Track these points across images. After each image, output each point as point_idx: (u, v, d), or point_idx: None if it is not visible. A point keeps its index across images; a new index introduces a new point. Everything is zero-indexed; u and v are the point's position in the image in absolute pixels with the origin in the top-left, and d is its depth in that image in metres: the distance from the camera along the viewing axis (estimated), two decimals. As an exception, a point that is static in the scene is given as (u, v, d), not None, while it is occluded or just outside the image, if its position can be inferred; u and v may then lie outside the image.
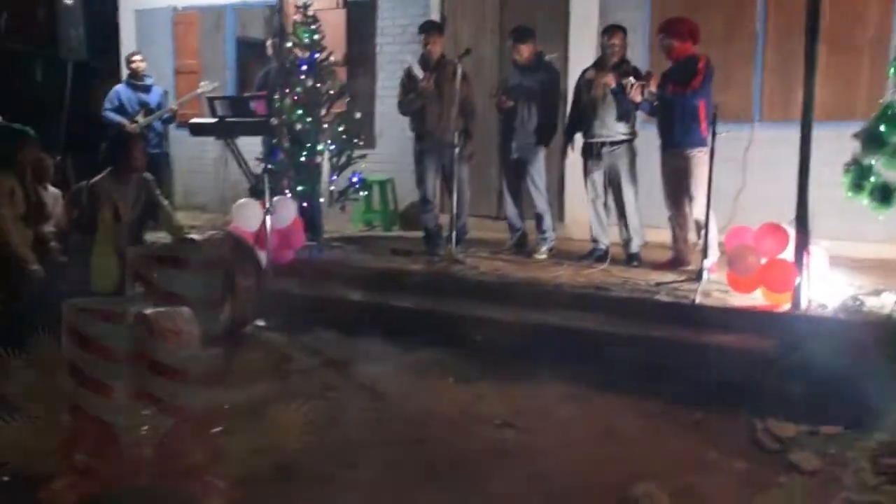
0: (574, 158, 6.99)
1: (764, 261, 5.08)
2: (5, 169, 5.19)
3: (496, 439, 3.99)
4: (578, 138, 6.73)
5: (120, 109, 8.46)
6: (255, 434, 3.91)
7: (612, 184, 6.60)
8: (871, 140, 4.77)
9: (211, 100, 7.62)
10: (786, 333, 4.79)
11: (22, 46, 6.97)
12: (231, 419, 4.09)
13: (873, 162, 4.86)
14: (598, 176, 6.61)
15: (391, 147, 8.93)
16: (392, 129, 8.75)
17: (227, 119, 7.50)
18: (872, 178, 4.76)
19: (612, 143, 6.48)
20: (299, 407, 3.74)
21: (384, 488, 3.47)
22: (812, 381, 4.45)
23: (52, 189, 6.34)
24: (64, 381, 3.67)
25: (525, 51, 6.85)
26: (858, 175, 4.82)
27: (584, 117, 6.60)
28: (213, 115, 7.57)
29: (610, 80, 6.32)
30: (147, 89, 8.65)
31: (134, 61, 8.61)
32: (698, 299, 5.24)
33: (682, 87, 5.92)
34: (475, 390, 4.65)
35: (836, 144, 5.51)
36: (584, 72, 6.74)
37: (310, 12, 6.95)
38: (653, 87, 6.20)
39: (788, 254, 4.99)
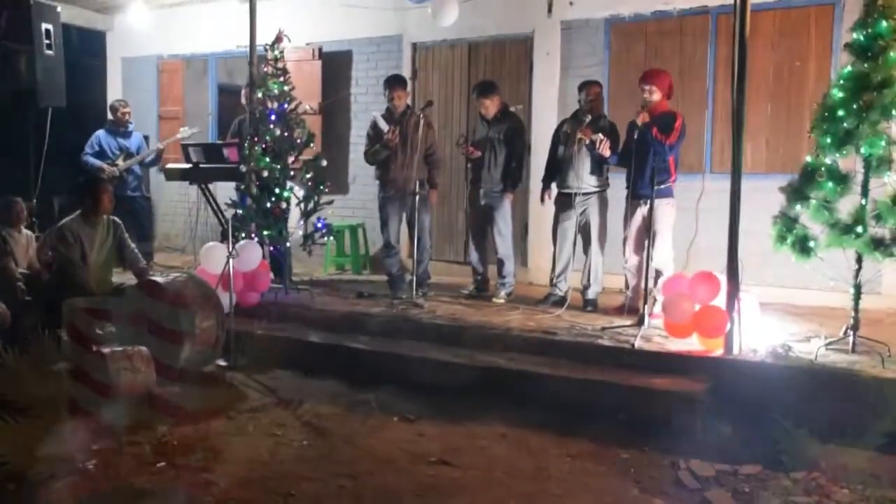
0: (540, 206, 7.27)
1: (697, 307, 5.31)
2: None
3: (428, 476, 4.17)
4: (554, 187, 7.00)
5: (100, 154, 8.68)
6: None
7: (583, 232, 6.85)
8: (795, 193, 5.03)
9: (185, 146, 7.95)
10: (714, 377, 5.02)
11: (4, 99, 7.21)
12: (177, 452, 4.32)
13: (799, 214, 5.11)
14: (570, 224, 6.86)
15: (364, 193, 9.23)
16: (364, 176, 9.05)
17: (201, 165, 7.83)
18: (795, 230, 5.01)
19: (585, 194, 6.75)
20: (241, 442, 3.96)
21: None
22: (736, 423, 4.70)
23: (25, 231, 6.60)
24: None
25: (489, 104, 7.16)
26: (784, 227, 5.08)
27: (559, 168, 6.87)
28: (188, 160, 7.91)
29: (587, 134, 6.56)
30: (127, 134, 8.86)
31: (119, 109, 8.81)
32: (637, 344, 5.46)
33: (663, 136, 6.10)
34: (417, 429, 4.85)
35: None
36: (561, 123, 7.04)
37: (281, 64, 7.24)
38: (605, 152, 6.47)
39: (721, 300, 5.22)
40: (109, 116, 8.97)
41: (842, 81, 4.85)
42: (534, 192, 7.90)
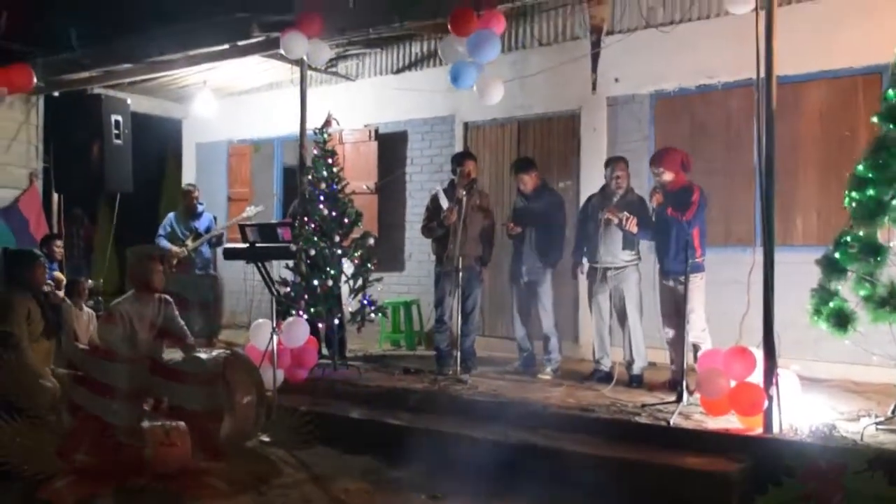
0: (584, 281, 7.25)
1: (733, 383, 5.16)
2: (23, 289, 5.77)
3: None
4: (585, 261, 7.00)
5: (171, 235, 9.12)
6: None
7: (617, 307, 6.81)
8: (830, 266, 4.89)
9: (242, 227, 8.24)
10: (752, 457, 4.83)
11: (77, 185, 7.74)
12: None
13: (837, 287, 4.95)
14: (604, 299, 6.84)
15: (419, 269, 9.37)
16: (420, 252, 9.22)
17: (257, 244, 8.10)
18: (831, 304, 4.85)
19: (617, 268, 6.73)
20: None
21: None
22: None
23: (86, 308, 6.94)
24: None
25: (527, 180, 7.26)
26: (820, 300, 4.93)
27: (589, 243, 6.88)
28: (244, 240, 8.18)
29: (612, 215, 6.61)
30: (197, 216, 9.30)
31: (189, 194, 9.27)
32: (674, 421, 5.32)
33: (679, 214, 6.14)
34: (441, 507, 4.82)
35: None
36: (590, 198, 7.07)
37: (330, 146, 7.51)
38: (633, 229, 6.47)
39: (758, 377, 5.07)
40: (181, 200, 9.41)
41: (870, 150, 4.74)
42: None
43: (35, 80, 8.64)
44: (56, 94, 9.25)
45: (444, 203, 7.25)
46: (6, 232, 8.84)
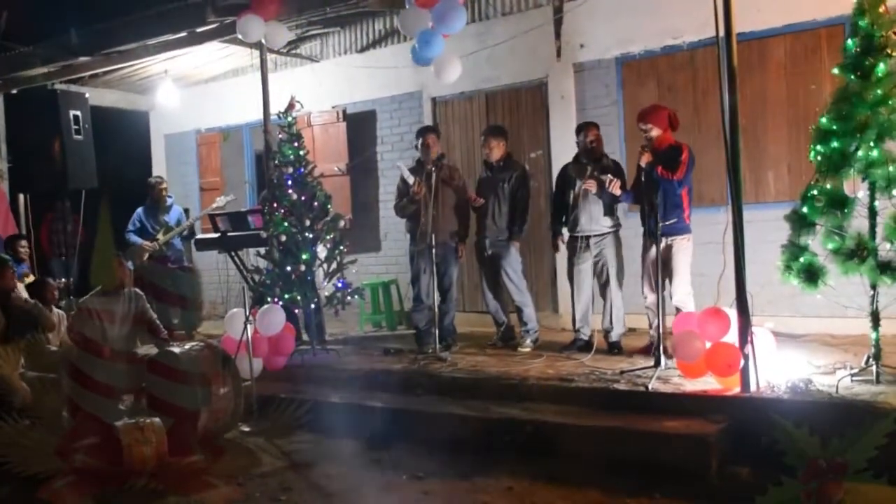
0: (563, 251, 7.18)
1: (708, 345, 5.14)
2: None
3: (424, 535, 4.11)
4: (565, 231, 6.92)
5: (140, 230, 8.95)
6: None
7: (600, 274, 6.75)
8: (799, 221, 4.86)
9: (213, 216, 8.17)
10: (730, 417, 4.83)
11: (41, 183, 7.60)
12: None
13: (807, 242, 4.93)
14: (587, 267, 6.74)
15: (396, 249, 9.29)
16: (396, 232, 9.13)
17: (228, 234, 8.03)
18: (801, 259, 4.82)
19: (599, 235, 6.65)
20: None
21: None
22: (753, 464, 4.49)
23: (56, 310, 6.85)
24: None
25: (494, 145, 7.14)
26: (791, 255, 4.90)
27: (569, 212, 6.78)
28: (216, 230, 8.12)
29: (591, 186, 6.50)
30: (166, 209, 9.14)
31: (155, 187, 9.10)
32: (652, 386, 5.30)
33: (669, 173, 6.02)
34: (423, 486, 4.77)
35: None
36: (565, 167, 6.96)
37: (295, 130, 7.40)
38: (617, 191, 6.39)
39: (733, 337, 5.05)
40: (148, 194, 9.27)
41: (832, 101, 4.69)
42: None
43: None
44: (14, 91, 9.07)
45: (409, 177, 7.16)
46: (-25, 235, 8.70)
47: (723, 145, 7.30)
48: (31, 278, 7.56)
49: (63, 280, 7.33)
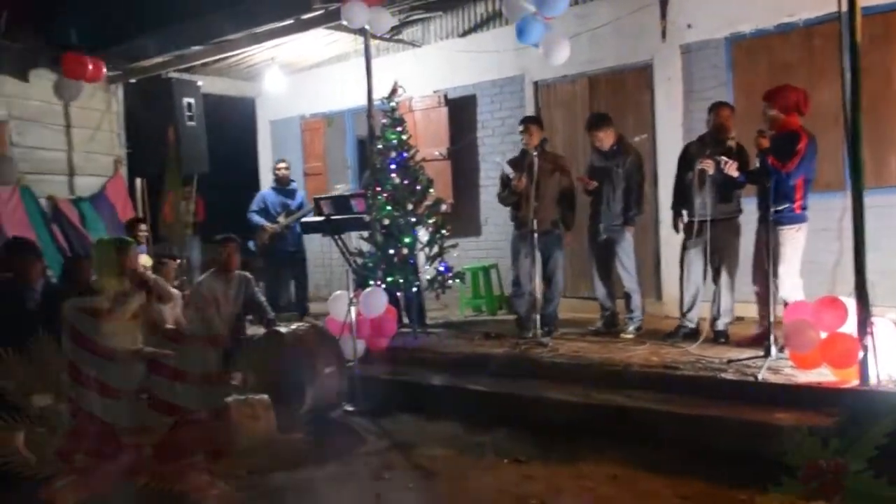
0: (672, 236, 7.00)
1: (824, 335, 4.93)
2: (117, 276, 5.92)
3: (525, 518, 4.11)
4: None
5: (264, 211, 9.19)
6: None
7: (712, 262, 6.48)
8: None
9: (317, 200, 8.34)
10: (846, 411, 4.62)
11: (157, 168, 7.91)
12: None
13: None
14: (697, 253, 6.49)
15: (496, 234, 9.28)
16: (497, 216, 9.10)
17: (332, 217, 8.18)
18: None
19: (714, 221, 6.34)
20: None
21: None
22: (870, 459, 4.28)
23: (173, 290, 7.11)
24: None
25: (603, 137, 7.05)
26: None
27: (686, 195, 6.56)
28: (319, 214, 8.28)
29: (708, 165, 6.27)
30: (291, 193, 9.34)
31: (280, 169, 9.34)
32: (762, 376, 5.13)
33: (780, 164, 5.75)
34: (525, 470, 4.77)
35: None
36: (688, 146, 6.75)
37: (398, 115, 7.47)
38: (733, 172, 6.17)
39: (850, 327, 4.83)
40: (272, 175, 9.46)
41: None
42: (664, 223, 7.64)
43: (105, 70, 8.84)
44: (132, 81, 9.48)
45: (511, 172, 7.11)
46: (96, 219, 9.14)
47: (838, 128, 7.09)
48: (148, 261, 7.88)
49: (180, 259, 7.62)
